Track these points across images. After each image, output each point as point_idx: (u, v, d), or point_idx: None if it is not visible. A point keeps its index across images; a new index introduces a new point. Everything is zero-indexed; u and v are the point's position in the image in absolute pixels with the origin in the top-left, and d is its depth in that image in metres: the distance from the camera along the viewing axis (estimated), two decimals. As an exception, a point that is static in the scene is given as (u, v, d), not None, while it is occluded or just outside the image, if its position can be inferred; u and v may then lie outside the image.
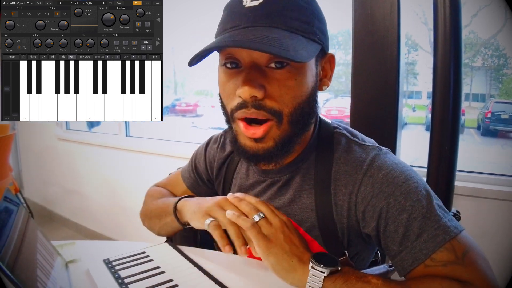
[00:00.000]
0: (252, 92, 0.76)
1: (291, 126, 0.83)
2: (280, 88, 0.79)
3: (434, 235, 0.76)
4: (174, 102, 5.50)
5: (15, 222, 0.73)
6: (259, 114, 0.80)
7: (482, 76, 2.63)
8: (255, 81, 0.77)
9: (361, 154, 0.88)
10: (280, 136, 0.82)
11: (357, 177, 0.85)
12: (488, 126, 2.56)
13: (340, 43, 3.09)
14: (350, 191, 0.86)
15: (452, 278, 0.74)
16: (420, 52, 2.65)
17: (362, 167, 0.85)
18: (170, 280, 0.87)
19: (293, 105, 0.81)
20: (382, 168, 0.84)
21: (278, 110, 0.80)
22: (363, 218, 0.85)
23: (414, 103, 3.28)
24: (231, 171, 1.10)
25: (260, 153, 0.84)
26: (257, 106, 0.79)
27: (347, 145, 0.91)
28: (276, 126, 0.81)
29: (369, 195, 0.83)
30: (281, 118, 0.81)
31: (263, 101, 0.79)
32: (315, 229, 0.91)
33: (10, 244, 0.64)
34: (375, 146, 0.90)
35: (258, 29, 0.76)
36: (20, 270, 0.60)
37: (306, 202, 0.92)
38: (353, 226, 0.88)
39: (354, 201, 0.85)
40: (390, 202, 0.80)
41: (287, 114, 0.81)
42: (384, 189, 0.81)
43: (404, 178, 0.82)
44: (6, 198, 0.76)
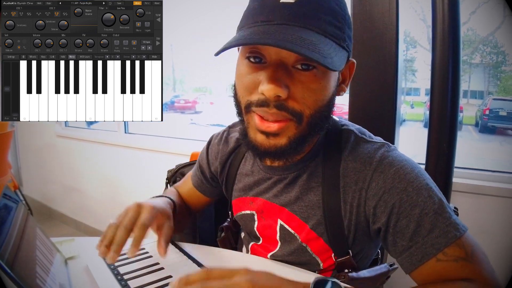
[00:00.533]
0: (277, 92, 0.74)
1: (309, 127, 0.81)
2: (304, 90, 0.77)
3: (446, 231, 0.77)
4: (173, 99, 5.50)
5: (14, 219, 0.74)
6: (279, 115, 0.77)
7: (480, 73, 2.63)
8: (281, 81, 0.74)
9: (369, 151, 0.88)
10: (296, 135, 0.80)
11: (366, 173, 0.85)
12: (486, 123, 2.57)
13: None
14: (360, 187, 0.86)
15: (461, 275, 0.76)
16: (419, 49, 2.66)
17: (372, 163, 0.86)
18: (169, 276, 0.87)
19: (314, 108, 0.79)
20: (392, 164, 0.84)
21: (300, 111, 0.78)
22: (374, 214, 0.85)
23: (413, 100, 3.28)
24: (235, 167, 1.09)
25: (271, 150, 0.81)
26: (279, 107, 0.76)
27: (355, 142, 0.91)
28: (295, 125, 0.79)
29: (381, 190, 0.83)
30: (301, 119, 0.79)
31: (286, 102, 0.76)
32: (321, 226, 0.91)
33: (9, 241, 0.64)
34: (384, 143, 0.91)
35: (294, 28, 0.72)
36: (19, 267, 0.61)
37: (313, 200, 0.92)
38: (360, 223, 0.88)
39: (364, 197, 0.86)
40: (402, 197, 0.80)
41: (308, 116, 0.79)
42: (396, 184, 0.81)
43: (415, 174, 0.83)
44: (5, 195, 0.76)
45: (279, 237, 0.99)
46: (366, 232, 0.90)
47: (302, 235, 0.94)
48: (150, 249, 1.02)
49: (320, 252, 0.94)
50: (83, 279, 0.88)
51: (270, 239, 1.01)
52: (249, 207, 1.04)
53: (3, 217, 0.69)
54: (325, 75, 0.78)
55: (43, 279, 0.69)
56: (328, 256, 0.94)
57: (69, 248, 1.01)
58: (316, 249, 0.94)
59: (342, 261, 0.91)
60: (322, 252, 0.94)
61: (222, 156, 1.12)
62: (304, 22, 0.73)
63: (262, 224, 1.02)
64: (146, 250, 1.02)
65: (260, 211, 1.01)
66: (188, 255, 0.98)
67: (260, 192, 1.00)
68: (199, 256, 0.98)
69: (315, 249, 0.94)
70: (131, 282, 0.84)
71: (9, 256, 0.60)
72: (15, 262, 0.61)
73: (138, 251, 0.83)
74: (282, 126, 0.78)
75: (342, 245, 0.91)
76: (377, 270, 0.95)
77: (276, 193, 0.97)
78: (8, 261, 0.58)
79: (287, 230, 0.96)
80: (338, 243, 0.91)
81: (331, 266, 0.95)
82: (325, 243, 0.92)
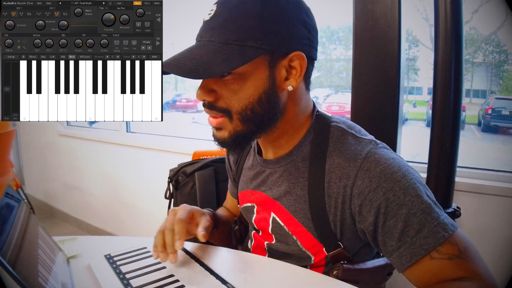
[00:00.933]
0: (202, 96, 0.87)
1: (243, 123, 0.88)
2: (227, 91, 0.86)
3: (434, 231, 0.77)
4: (175, 98, 5.49)
5: (17, 218, 0.74)
6: (212, 112, 0.89)
7: (483, 72, 2.62)
8: (205, 87, 0.87)
9: (355, 147, 0.89)
10: (234, 129, 0.89)
11: (351, 170, 0.86)
12: (488, 122, 2.56)
13: (341, 38, 3.08)
14: (345, 184, 0.86)
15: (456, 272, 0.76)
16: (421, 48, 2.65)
17: (357, 160, 0.86)
18: (171, 275, 0.87)
19: (240, 106, 0.86)
20: (379, 162, 0.84)
21: (227, 108, 0.87)
22: (360, 213, 0.85)
23: (415, 99, 3.27)
24: (242, 162, 1.16)
25: (220, 141, 0.92)
26: (209, 106, 0.89)
27: (342, 137, 0.92)
28: (228, 121, 0.88)
29: (366, 189, 0.83)
30: (231, 115, 0.88)
31: (215, 102, 0.88)
32: (309, 220, 0.92)
33: (11, 240, 0.64)
34: (371, 140, 0.91)
35: (198, 44, 0.86)
36: (21, 265, 0.61)
37: (300, 194, 0.93)
38: (346, 219, 0.89)
39: (349, 195, 0.86)
40: (389, 197, 0.80)
41: (236, 112, 0.87)
42: (382, 184, 0.82)
43: (402, 173, 0.82)
44: (7, 194, 0.76)
45: (271, 230, 1.01)
46: (353, 230, 0.90)
47: (291, 229, 0.96)
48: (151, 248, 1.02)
49: (310, 246, 0.95)
50: (85, 278, 0.88)
51: (265, 232, 1.04)
52: (250, 199, 1.08)
53: (5, 215, 0.69)
54: (243, 77, 0.85)
55: (45, 278, 0.69)
56: (318, 250, 0.95)
57: (71, 247, 1.01)
58: (305, 243, 0.95)
59: (334, 254, 0.92)
60: (311, 246, 0.95)
61: (235, 159, 1.20)
62: (209, 35, 0.84)
63: (259, 217, 1.06)
64: (148, 249, 1.02)
65: (258, 204, 1.05)
66: (190, 254, 0.98)
67: (257, 185, 1.05)
68: (201, 254, 0.98)
69: (304, 243, 0.95)
70: (133, 281, 0.84)
71: (11, 254, 0.60)
72: (17, 261, 0.61)
73: (182, 247, 0.91)
74: (219, 121, 0.89)
75: (330, 239, 0.92)
76: (374, 263, 0.96)
77: (270, 186, 1.01)
78: (10, 260, 0.58)
79: (278, 223, 0.98)
80: (326, 237, 0.92)
81: (322, 261, 0.96)
82: (314, 238, 0.93)
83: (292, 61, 0.86)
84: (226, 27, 0.82)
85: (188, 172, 1.60)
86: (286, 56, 0.85)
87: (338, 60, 3.10)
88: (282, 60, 0.85)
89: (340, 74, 3.17)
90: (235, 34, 0.81)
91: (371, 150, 0.87)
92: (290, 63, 0.86)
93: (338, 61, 3.10)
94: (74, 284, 0.84)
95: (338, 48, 3.08)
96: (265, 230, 1.03)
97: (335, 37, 3.06)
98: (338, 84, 3.31)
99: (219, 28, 0.83)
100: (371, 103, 1.60)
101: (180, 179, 1.61)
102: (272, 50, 0.83)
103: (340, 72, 3.15)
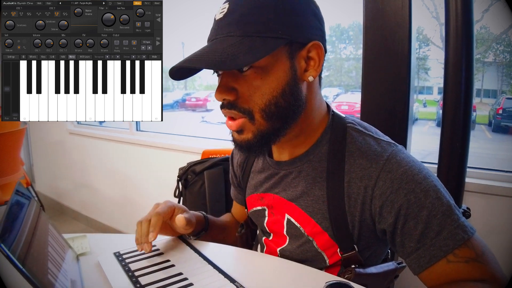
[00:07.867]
0: (222, 96, 0.85)
1: (267, 120, 0.86)
2: (249, 89, 0.84)
3: (454, 234, 0.77)
4: (184, 96, 5.51)
5: (27, 215, 0.74)
6: (231, 113, 0.86)
7: (493, 72, 2.59)
8: (225, 86, 0.85)
9: (376, 148, 0.89)
10: (258, 129, 0.87)
11: (373, 171, 0.86)
12: (499, 123, 2.53)
13: (351, 37, 3.06)
14: (366, 184, 0.86)
15: (472, 275, 0.76)
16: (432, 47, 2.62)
17: (379, 161, 0.86)
18: (180, 273, 0.87)
19: (263, 102, 0.84)
20: (401, 164, 0.84)
21: (249, 108, 0.85)
22: (380, 213, 0.85)
23: (425, 99, 3.25)
24: (249, 165, 1.15)
25: (243, 144, 0.89)
26: (229, 106, 0.86)
27: (361, 138, 0.92)
28: (249, 122, 0.86)
29: (388, 190, 0.83)
30: (252, 116, 0.85)
31: (236, 102, 0.85)
32: (326, 220, 0.92)
33: (21, 237, 0.65)
34: (391, 142, 0.91)
35: (217, 41, 0.83)
36: (31, 262, 0.61)
37: (318, 194, 0.93)
38: (365, 220, 0.88)
39: (370, 195, 0.86)
40: (410, 199, 0.81)
41: (258, 111, 0.85)
42: (403, 185, 0.82)
43: (423, 176, 0.83)
44: (18, 191, 0.77)
45: (286, 232, 1.01)
46: (371, 230, 0.90)
47: (307, 229, 0.95)
48: (161, 246, 1.02)
49: (326, 247, 0.94)
50: (95, 275, 0.89)
51: (279, 234, 1.03)
52: (260, 203, 1.07)
53: (16, 213, 0.70)
54: (266, 70, 0.83)
55: (55, 275, 0.69)
56: (334, 252, 0.94)
57: (80, 244, 1.02)
58: (321, 243, 0.94)
59: (348, 256, 0.92)
60: (327, 247, 0.94)
61: (241, 161, 1.19)
62: (227, 31, 0.82)
63: (271, 220, 1.05)
64: (157, 247, 1.02)
65: (270, 206, 1.04)
66: (199, 253, 0.98)
67: (269, 187, 1.04)
68: (209, 253, 0.98)
69: (320, 244, 0.94)
70: (142, 278, 0.85)
71: (21, 251, 0.60)
72: (27, 257, 0.61)
73: (154, 238, 0.91)
74: (239, 123, 0.87)
75: (347, 240, 0.91)
76: (384, 267, 0.96)
77: (284, 187, 1.00)
78: (20, 256, 0.59)
79: (293, 224, 0.98)
80: (343, 238, 0.91)
81: (338, 262, 0.95)
82: (330, 238, 0.93)
83: (310, 52, 0.87)
84: (243, 21, 0.81)
85: (197, 171, 1.60)
86: (304, 47, 0.86)
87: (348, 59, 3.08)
88: (301, 51, 0.86)
89: (350, 73, 3.15)
90: (254, 26, 0.81)
91: (392, 152, 0.87)
92: (308, 53, 0.87)
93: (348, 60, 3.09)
94: (83, 281, 0.85)
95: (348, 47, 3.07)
96: (278, 232, 1.03)
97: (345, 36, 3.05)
98: (347, 83, 3.29)
99: (236, 23, 0.81)
100: (381, 102, 1.59)
101: (189, 177, 1.62)
102: (292, 40, 0.84)
103: (350, 71, 3.13)
